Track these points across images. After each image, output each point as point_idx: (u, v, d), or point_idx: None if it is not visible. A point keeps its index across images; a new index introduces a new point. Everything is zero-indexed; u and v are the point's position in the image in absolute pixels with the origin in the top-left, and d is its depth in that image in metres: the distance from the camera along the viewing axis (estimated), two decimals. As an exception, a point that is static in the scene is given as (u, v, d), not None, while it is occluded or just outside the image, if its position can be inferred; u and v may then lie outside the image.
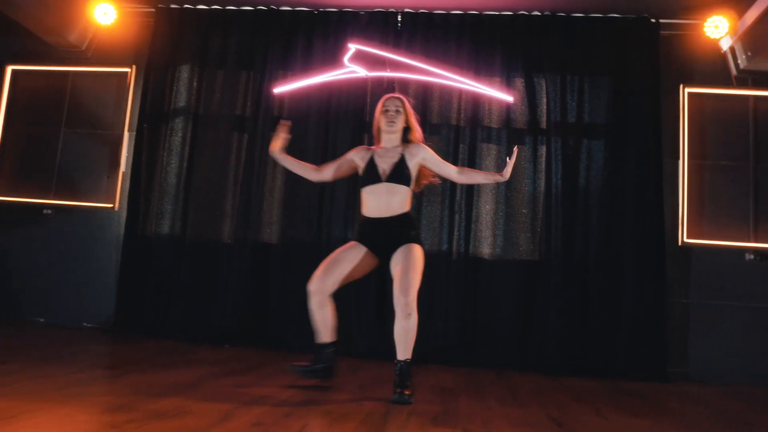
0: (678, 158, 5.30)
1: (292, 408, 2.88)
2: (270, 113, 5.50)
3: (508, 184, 5.25)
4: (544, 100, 5.34)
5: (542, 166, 5.27)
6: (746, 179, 5.25)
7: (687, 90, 5.37)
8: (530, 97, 5.36)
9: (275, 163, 5.39)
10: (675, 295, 5.14)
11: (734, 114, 5.34)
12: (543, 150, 5.29)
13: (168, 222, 5.53)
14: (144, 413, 2.50)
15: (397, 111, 3.70)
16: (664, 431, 3.07)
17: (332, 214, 5.37)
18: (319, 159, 5.32)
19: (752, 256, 5.13)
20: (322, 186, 5.35)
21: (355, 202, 5.27)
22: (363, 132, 5.44)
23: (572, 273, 5.11)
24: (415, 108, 5.35)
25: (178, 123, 5.62)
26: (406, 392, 3.19)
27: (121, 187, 5.74)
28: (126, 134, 5.79)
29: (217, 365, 4.05)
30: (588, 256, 5.14)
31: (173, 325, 5.34)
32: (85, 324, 5.61)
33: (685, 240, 5.19)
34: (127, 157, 5.74)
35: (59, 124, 5.89)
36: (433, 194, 5.31)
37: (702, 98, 5.38)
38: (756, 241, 5.16)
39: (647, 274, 5.04)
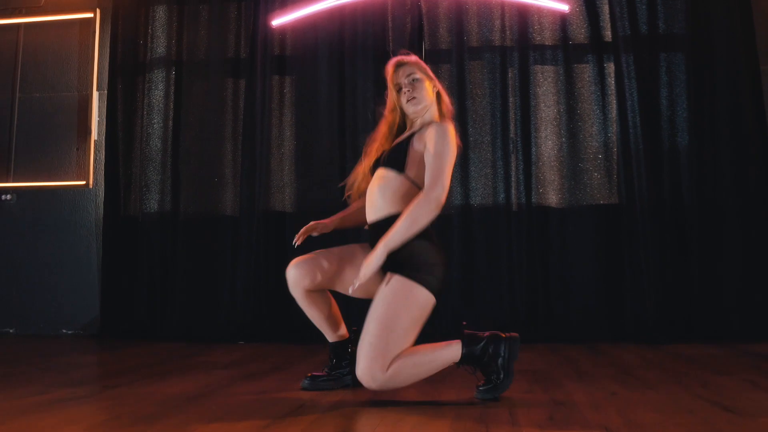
0: (777, 65, 4.29)
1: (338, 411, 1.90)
2: (270, 51, 4.47)
3: (571, 112, 4.25)
4: (607, 7, 4.32)
5: (612, 87, 4.26)
6: None
7: (780, -19, 4.35)
8: (589, 3, 4.34)
9: (281, 111, 4.42)
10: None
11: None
12: (611, 68, 4.27)
13: (156, 197, 4.49)
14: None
15: (414, 80, 2.41)
16: None
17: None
18: (336, 103, 4.37)
19: None
20: (342, 133, 4.34)
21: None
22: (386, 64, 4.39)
23: (662, 217, 4.11)
24: (449, 31, 4.41)
25: (158, 74, 4.57)
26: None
27: (95, 160, 4.68)
28: (95, 94, 4.71)
29: (231, 368, 3.02)
30: (680, 194, 4.13)
31: (173, 324, 4.34)
32: (64, 331, 4.57)
33: (797, 162, 4.19)
34: (99, 122, 4.68)
35: (12, 89, 4.80)
36: (481, 132, 4.30)
37: (799, -10, 4.37)
38: None
39: (757, 213, 4.04)
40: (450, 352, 2.15)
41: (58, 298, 4.61)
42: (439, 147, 2.20)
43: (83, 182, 4.65)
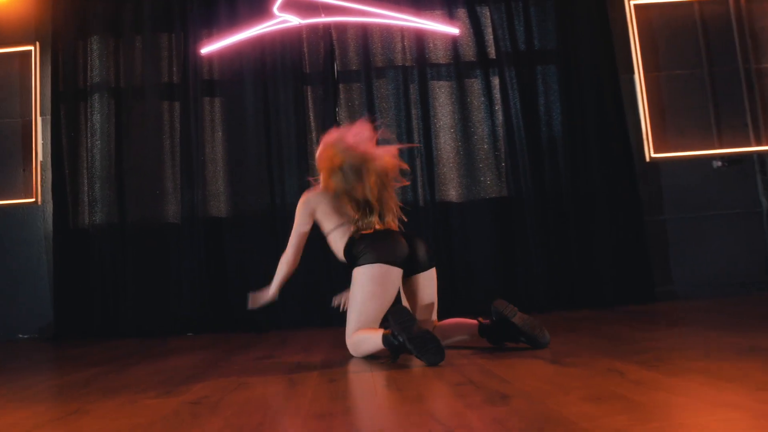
0: (633, 72, 5.12)
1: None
2: (200, 76, 5.02)
3: (465, 120, 4.98)
4: (490, 29, 5.07)
5: (497, 97, 5.01)
6: (703, 85, 5.13)
7: (632, 2, 5.19)
8: (476, 27, 5.08)
9: (213, 129, 4.99)
10: (650, 214, 4.98)
11: (682, 21, 5.21)
12: (496, 81, 5.02)
13: (103, 210, 4.97)
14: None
15: None
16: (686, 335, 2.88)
17: (284, 178, 4.95)
18: (262, 119, 4.96)
19: (720, 163, 5.02)
20: (268, 146, 4.94)
21: (307, 165, 4.91)
22: (304, 85, 5.02)
23: (545, 205, 4.89)
24: (357, 53, 5.06)
25: (98, 99, 5.05)
26: None
27: (42, 178, 5.12)
28: (38, 119, 5.16)
29: (187, 353, 3.61)
30: (560, 184, 4.92)
31: (125, 323, 4.82)
32: (21, 336, 5.00)
33: (653, 155, 5.03)
34: (44, 145, 5.13)
35: (-43, 117, 5.20)
36: (389, 141, 4.95)
37: (648, 9, 5.22)
38: (721, 147, 5.05)
39: (621, 197, 4.87)
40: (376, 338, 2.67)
41: (11, 307, 5.00)
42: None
43: (32, 199, 5.08)
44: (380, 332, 2.63)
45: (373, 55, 5.04)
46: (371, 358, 2.74)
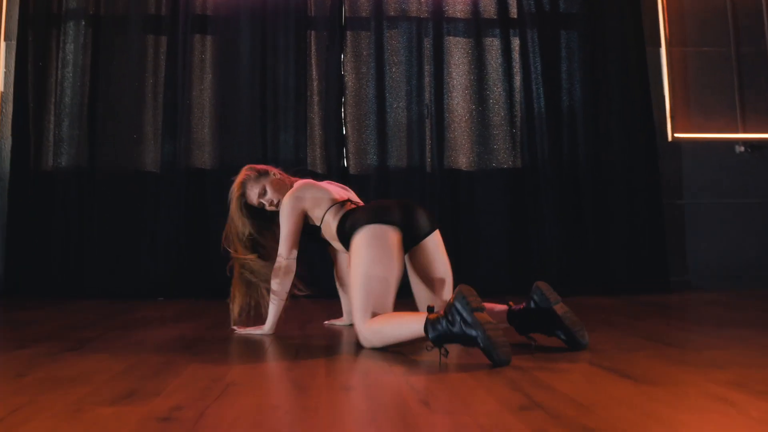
0: (659, 45, 4.79)
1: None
2: (191, 10, 4.48)
3: (480, 81, 4.58)
4: (514, -15, 4.66)
5: (517, 60, 4.62)
6: (729, 65, 4.83)
7: (663, -28, 4.87)
8: (499, -18, 4.67)
9: (202, 71, 4.50)
10: (668, 196, 4.67)
11: (711, -2, 4.91)
12: (516, 42, 4.63)
13: (71, 151, 4.40)
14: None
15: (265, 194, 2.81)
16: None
17: (278, 132, 4.47)
18: (258, 63, 4.48)
19: (743, 148, 4.73)
20: (262, 94, 4.44)
21: (305, 119, 4.45)
22: (307, 29, 4.54)
23: (562, 179, 4.52)
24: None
25: (73, 27, 4.47)
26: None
27: (2, 111, 4.50)
28: (2, 44, 4.53)
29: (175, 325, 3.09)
30: (577, 158, 4.56)
31: (90, 281, 4.27)
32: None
33: (675, 135, 4.72)
34: (6, 73, 4.51)
35: None
36: (397, 97, 4.54)
37: (678, -19, 4.90)
38: (745, 131, 4.77)
39: (641, 176, 4.54)
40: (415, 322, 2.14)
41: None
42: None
43: (-11, 135, 4.46)
44: (419, 315, 2.12)
45: (386, 2, 4.58)
46: (384, 349, 2.24)
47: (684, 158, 4.73)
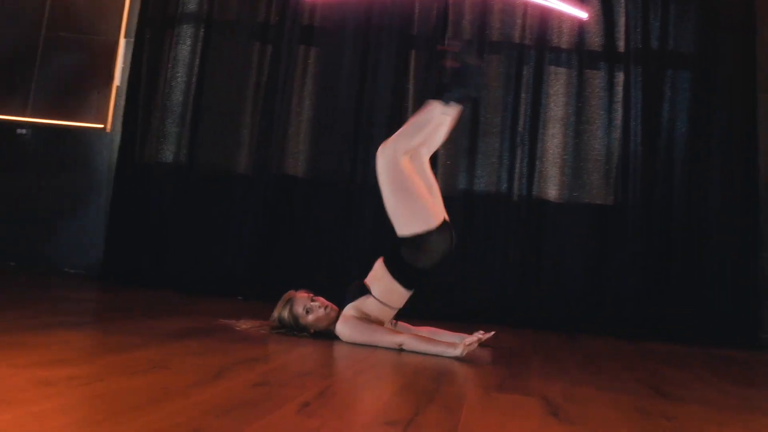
0: (773, 93, 4.57)
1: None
2: (298, 22, 4.61)
3: (579, 114, 4.49)
4: (623, 20, 4.54)
5: (619, 96, 4.50)
6: None
7: (784, 15, 4.63)
8: (607, 15, 4.55)
9: (303, 80, 4.57)
10: (766, 249, 4.44)
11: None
12: (620, 78, 4.51)
13: (172, 147, 4.61)
14: (99, 368, 1.72)
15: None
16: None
17: (370, 148, 4.51)
18: (356, 79, 4.53)
19: None
20: (358, 107, 4.52)
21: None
22: (410, 48, 4.59)
23: (651, 221, 4.37)
24: (472, 23, 4.59)
25: (187, 30, 4.69)
26: None
27: (115, 105, 4.77)
28: (122, 41, 4.80)
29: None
30: (671, 202, 4.40)
31: (175, 273, 4.44)
32: (67, 270, 4.66)
33: (780, 186, 4.48)
34: (123, 69, 4.77)
35: (39, 25, 4.84)
36: (491, 123, 4.51)
37: (800, 25, 4.65)
38: None
39: (737, 226, 4.33)
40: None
41: (63, 236, 4.68)
42: None
43: (101, 125, 4.74)
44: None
45: (489, 27, 4.57)
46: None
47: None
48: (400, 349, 2.51)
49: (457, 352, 2.42)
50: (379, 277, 2.69)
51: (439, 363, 2.33)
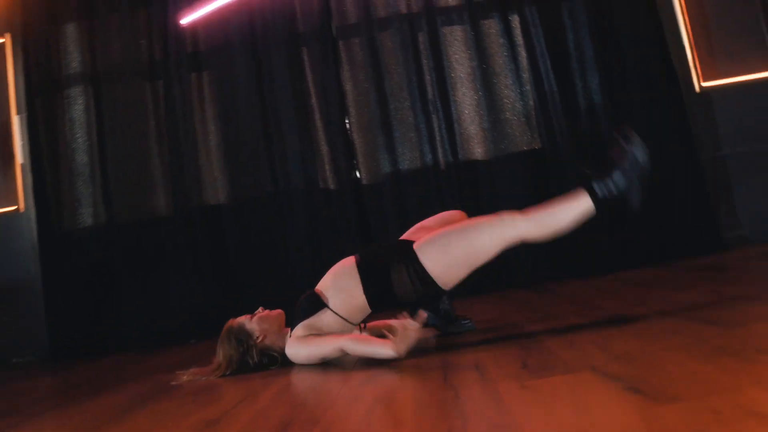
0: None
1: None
2: (183, 50, 4.51)
3: (484, 68, 4.38)
4: (504, -39, 4.46)
5: (520, 39, 4.40)
6: (753, -1, 4.46)
7: None
8: (486, -39, 4.48)
9: (202, 107, 4.47)
10: (706, 151, 4.32)
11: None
12: (516, 20, 4.41)
13: (89, 210, 4.47)
14: None
15: None
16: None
17: (285, 154, 4.41)
18: (255, 95, 4.45)
19: (781, 86, 4.34)
20: (264, 120, 4.41)
21: (310, 137, 4.38)
22: (300, 46, 4.48)
23: (585, 152, 4.22)
24: (356, 5, 4.49)
25: (77, 89, 4.57)
26: None
27: (23, 183, 4.62)
28: (15, 118, 4.68)
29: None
30: (599, 127, 4.27)
31: (125, 334, 4.27)
32: (16, 360, 4.47)
33: (702, 84, 4.38)
34: (23, 145, 4.64)
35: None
36: (400, 98, 4.40)
37: None
38: (780, 67, 4.38)
39: (671, 134, 4.20)
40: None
41: (3, 327, 4.49)
42: None
43: (14, 207, 4.60)
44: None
45: (374, 4, 4.47)
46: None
47: (716, 108, 4.37)
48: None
49: (392, 353, 2.06)
50: (341, 283, 2.35)
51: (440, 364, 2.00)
